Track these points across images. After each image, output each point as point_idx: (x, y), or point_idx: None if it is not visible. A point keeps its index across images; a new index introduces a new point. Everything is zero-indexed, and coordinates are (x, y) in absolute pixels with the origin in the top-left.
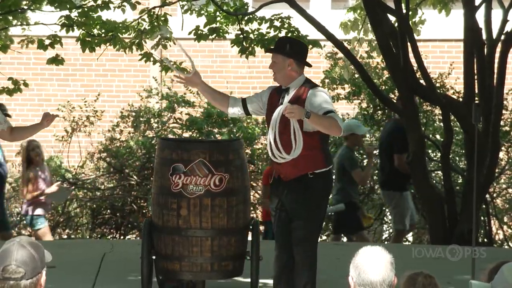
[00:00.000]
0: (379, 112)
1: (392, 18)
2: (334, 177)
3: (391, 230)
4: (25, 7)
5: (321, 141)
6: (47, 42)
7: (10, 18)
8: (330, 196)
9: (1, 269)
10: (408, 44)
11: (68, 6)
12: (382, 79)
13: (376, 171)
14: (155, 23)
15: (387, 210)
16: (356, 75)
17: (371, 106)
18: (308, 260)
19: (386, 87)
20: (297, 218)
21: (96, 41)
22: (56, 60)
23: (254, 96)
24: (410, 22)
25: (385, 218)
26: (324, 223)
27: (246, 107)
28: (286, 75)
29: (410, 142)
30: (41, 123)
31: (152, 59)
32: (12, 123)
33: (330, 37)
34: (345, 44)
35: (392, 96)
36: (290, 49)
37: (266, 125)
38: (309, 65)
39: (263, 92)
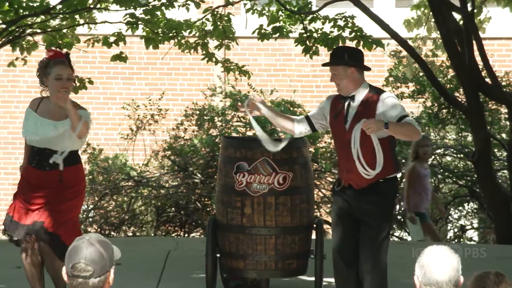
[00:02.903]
0: (444, 110)
1: (457, 16)
2: None
3: (456, 230)
4: (92, 6)
5: (391, 147)
6: (111, 39)
7: (77, 17)
8: None
9: (71, 266)
10: (473, 42)
11: (133, 4)
12: (447, 77)
13: None
14: (219, 23)
15: (451, 209)
16: (421, 73)
17: (436, 104)
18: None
19: (451, 85)
20: (368, 225)
21: (159, 38)
22: (120, 57)
23: (316, 111)
24: (475, 20)
25: (449, 217)
26: None
27: (311, 123)
28: (350, 85)
29: (475, 141)
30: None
31: (214, 59)
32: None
33: (394, 35)
34: (409, 42)
35: (457, 94)
36: (349, 58)
37: (332, 135)
38: (368, 69)
39: (324, 106)
